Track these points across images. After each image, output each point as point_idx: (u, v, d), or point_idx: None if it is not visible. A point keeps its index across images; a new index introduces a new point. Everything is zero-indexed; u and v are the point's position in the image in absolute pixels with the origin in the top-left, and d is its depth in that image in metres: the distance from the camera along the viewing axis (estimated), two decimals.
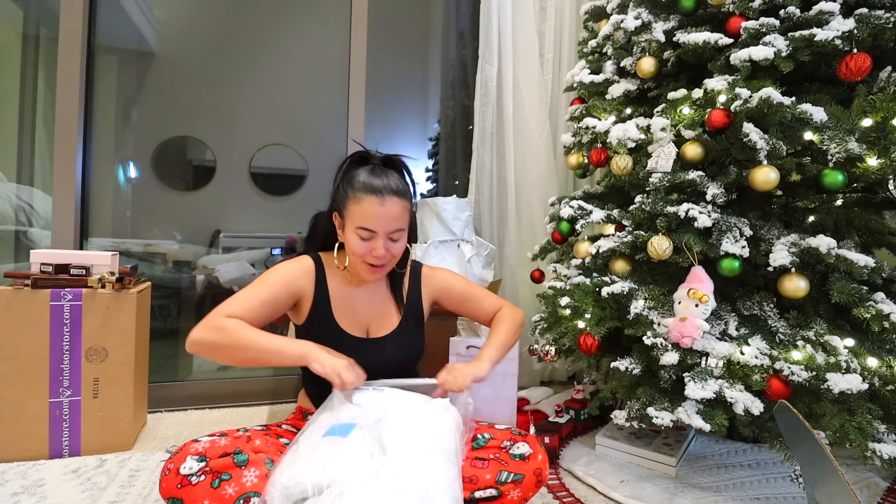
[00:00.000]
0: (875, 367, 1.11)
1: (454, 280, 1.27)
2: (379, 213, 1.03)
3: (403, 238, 1.09)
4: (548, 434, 1.56)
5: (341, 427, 0.86)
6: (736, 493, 1.32)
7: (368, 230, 1.04)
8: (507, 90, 2.28)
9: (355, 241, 1.05)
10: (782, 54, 1.23)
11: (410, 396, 0.98)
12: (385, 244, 1.05)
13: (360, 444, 0.83)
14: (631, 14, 1.55)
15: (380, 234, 1.04)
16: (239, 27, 2.35)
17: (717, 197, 1.28)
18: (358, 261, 1.08)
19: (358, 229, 1.04)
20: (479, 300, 1.26)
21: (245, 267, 2.40)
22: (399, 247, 1.09)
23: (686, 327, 1.21)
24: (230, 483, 0.81)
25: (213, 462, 0.82)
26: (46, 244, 1.94)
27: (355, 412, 0.91)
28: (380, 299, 1.18)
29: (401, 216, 1.06)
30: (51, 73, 1.88)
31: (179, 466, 0.81)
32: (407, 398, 0.97)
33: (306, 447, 0.83)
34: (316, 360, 0.94)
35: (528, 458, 0.96)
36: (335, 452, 0.80)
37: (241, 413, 1.90)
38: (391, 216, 1.04)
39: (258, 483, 0.82)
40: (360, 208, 1.04)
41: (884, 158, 1.13)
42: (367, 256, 1.06)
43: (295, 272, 1.10)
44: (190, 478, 0.80)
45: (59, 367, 1.44)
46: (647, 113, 1.57)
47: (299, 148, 2.42)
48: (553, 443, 1.56)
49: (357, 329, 1.13)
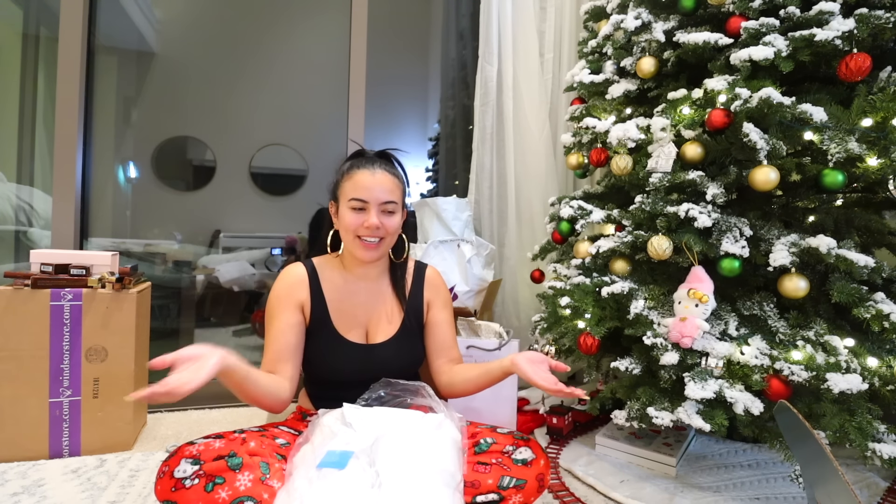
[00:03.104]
0: (875, 367, 1.11)
1: (448, 302, 1.24)
2: (370, 182, 1.06)
3: (397, 216, 1.10)
4: (556, 416, 1.65)
5: (337, 457, 0.83)
6: (736, 493, 1.32)
7: (360, 200, 1.05)
8: (507, 90, 2.28)
9: (348, 216, 1.06)
10: (782, 54, 1.23)
11: (404, 415, 0.96)
12: (378, 215, 1.06)
13: (358, 475, 0.81)
14: (631, 14, 1.55)
15: (372, 203, 1.05)
16: (239, 27, 2.35)
17: (717, 197, 1.28)
18: (351, 239, 1.08)
19: (350, 201, 1.06)
20: (450, 337, 1.21)
21: (245, 267, 2.40)
22: (392, 223, 1.09)
23: (686, 327, 1.21)
24: (224, 487, 0.80)
25: (207, 465, 0.82)
26: (46, 244, 1.94)
27: (349, 436, 0.89)
28: (380, 298, 1.17)
29: (392, 189, 1.08)
30: (51, 73, 1.89)
31: (174, 469, 0.81)
32: (401, 417, 0.95)
33: (302, 482, 0.80)
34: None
35: (530, 464, 0.95)
36: (332, 488, 0.78)
37: (242, 413, 1.90)
38: (383, 187, 1.06)
39: (252, 487, 0.81)
40: (351, 182, 1.07)
41: (884, 158, 1.13)
42: (359, 229, 1.06)
43: (292, 285, 1.11)
44: (184, 481, 0.80)
45: (59, 367, 1.44)
46: (647, 113, 1.57)
47: (299, 148, 2.42)
48: (560, 423, 1.64)
49: (356, 333, 1.13)
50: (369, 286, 1.16)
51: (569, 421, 1.71)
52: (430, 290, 1.23)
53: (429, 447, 0.89)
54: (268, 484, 0.83)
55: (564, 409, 1.70)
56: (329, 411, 0.98)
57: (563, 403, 1.76)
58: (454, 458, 0.90)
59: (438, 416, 0.97)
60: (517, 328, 2.25)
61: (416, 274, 1.23)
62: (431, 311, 1.22)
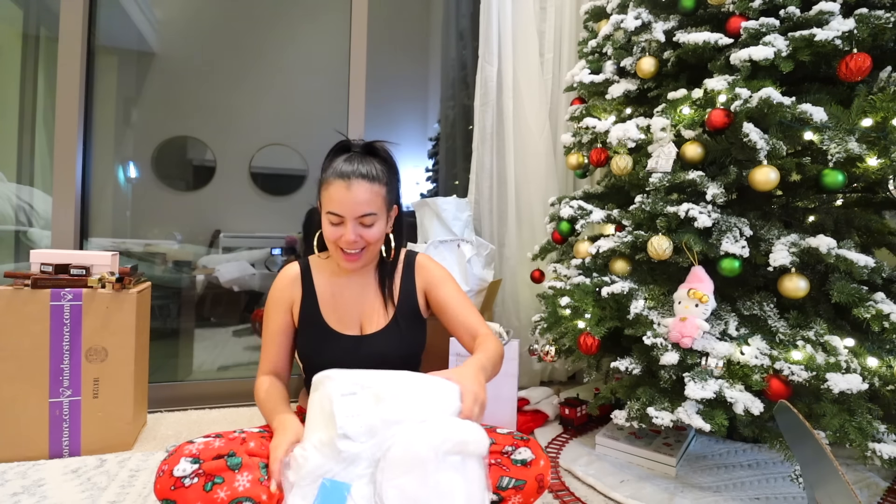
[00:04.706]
0: (875, 367, 1.11)
1: (444, 278, 1.18)
2: (345, 197, 1.02)
3: (379, 224, 1.06)
4: (568, 406, 1.73)
5: (333, 495, 0.76)
6: (736, 493, 1.32)
7: (336, 215, 1.03)
8: (507, 90, 2.28)
9: (328, 227, 1.05)
10: (782, 54, 1.23)
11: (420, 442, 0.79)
12: (355, 229, 1.03)
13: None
14: (631, 14, 1.55)
15: (348, 218, 1.02)
16: (239, 27, 2.35)
17: (717, 197, 1.28)
18: (334, 249, 1.08)
19: (328, 214, 1.04)
20: (463, 311, 1.14)
21: (245, 267, 2.40)
22: (373, 233, 1.05)
23: (686, 327, 1.21)
24: (222, 487, 0.80)
25: (206, 464, 0.82)
26: (46, 244, 1.94)
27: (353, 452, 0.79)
28: (370, 293, 1.16)
29: (369, 200, 1.03)
30: (51, 73, 1.88)
31: (173, 468, 0.81)
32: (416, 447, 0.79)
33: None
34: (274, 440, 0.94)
35: (529, 464, 0.95)
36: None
37: (242, 413, 1.90)
38: (357, 200, 1.02)
39: (251, 488, 0.81)
40: (328, 193, 1.04)
41: (884, 158, 1.13)
42: (339, 242, 1.05)
43: (283, 288, 1.14)
44: (183, 480, 0.80)
45: (59, 367, 1.44)
46: (647, 113, 1.57)
47: (299, 148, 2.42)
48: (571, 414, 1.72)
49: (349, 326, 1.12)
50: (360, 280, 1.16)
51: (581, 413, 1.76)
52: (422, 275, 1.18)
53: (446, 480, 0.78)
54: (266, 485, 0.83)
55: (578, 402, 1.76)
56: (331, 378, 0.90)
57: (578, 396, 1.82)
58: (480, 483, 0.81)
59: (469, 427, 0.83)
60: (517, 328, 2.25)
61: (406, 264, 1.20)
62: (432, 294, 1.17)
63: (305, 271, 1.15)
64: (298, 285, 1.14)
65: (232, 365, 2.29)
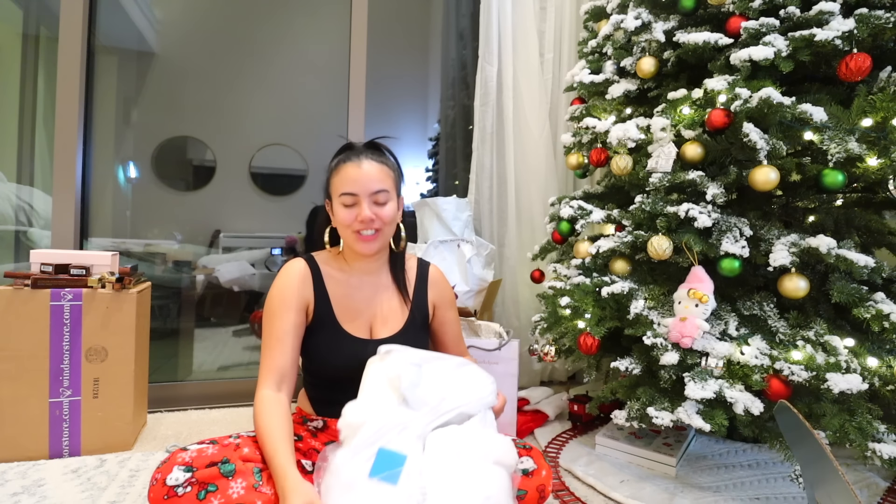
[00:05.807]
0: (875, 367, 1.11)
1: (453, 301, 1.25)
2: (358, 174, 1.04)
3: (391, 203, 1.07)
4: (577, 403, 1.79)
5: (389, 462, 0.80)
6: (736, 493, 1.32)
7: (351, 194, 1.04)
8: (507, 90, 2.28)
9: (342, 212, 1.05)
10: (782, 54, 1.23)
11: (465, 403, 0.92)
12: (370, 207, 1.04)
13: (407, 495, 0.78)
14: (631, 14, 1.55)
15: (362, 196, 1.03)
16: (239, 27, 2.35)
17: (717, 197, 1.28)
18: (349, 234, 1.07)
19: (342, 196, 1.04)
20: (457, 338, 1.24)
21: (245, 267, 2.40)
22: (387, 212, 1.06)
23: (686, 327, 1.21)
24: (216, 495, 0.80)
25: (199, 472, 0.81)
26: (46, 244, 1.94)
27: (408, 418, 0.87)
28: (384, 294, 1.14)
29: (382, 178, 1.06)
30: (51, 73, 1.88)
31: (166, 477, 0.80)
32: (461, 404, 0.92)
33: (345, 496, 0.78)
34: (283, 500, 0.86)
35: (532, 474, 0.94)
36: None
37: (242, 413, 1.90)
38: (371, 177, 1.04)
39: (245, 495, 0.81)
40: (339, 177, 1.06)
41: (884, 158, 1.13)
42: (354, 224, 1.04)
43: (294, 285, 1.07)
44: (176, 489, 0.79)
45: (59, 367, 1.44)
46: (647, 113, 1.57)
47: (299, 148, 2.43)
48: (580, 410, 1.78)
49: (361, 328, 1.10)
50: (372, 280, 1.14)
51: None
52: (435, 290, 1.20)
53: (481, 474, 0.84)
54: (261, 491, 0.82)
55: (588, 399, 1.79)
56: (397, 350, 0.98)
57: (587, 393, 1.86)
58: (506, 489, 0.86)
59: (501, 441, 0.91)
60: (517, 328, 2.25)
61: (420, 272, 1.20)
62: (438, 312, 1.21)
63: (315, 269, 1.11)
64: (310, 283, 1.09)
65: (232, 365, 2.29)
